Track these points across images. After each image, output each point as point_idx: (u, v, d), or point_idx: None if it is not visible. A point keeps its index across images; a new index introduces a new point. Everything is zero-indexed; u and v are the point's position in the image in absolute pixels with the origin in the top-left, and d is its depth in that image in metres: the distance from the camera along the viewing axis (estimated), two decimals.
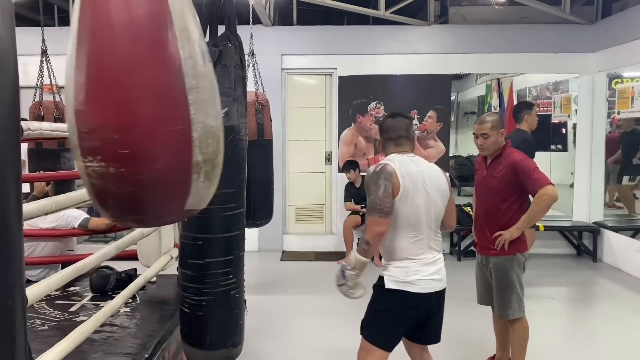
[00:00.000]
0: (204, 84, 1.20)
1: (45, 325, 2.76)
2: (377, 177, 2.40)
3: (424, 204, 2.48)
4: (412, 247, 2.49)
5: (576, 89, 7.10)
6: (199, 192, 1.25)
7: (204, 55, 1.21)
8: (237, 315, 2.53)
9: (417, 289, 2.48)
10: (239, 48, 2.42)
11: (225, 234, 2.43)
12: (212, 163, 1.25)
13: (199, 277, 2.42)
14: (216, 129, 1.24)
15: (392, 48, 6.94)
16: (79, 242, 6.22)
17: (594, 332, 4.42)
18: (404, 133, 2.60)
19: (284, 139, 6.95)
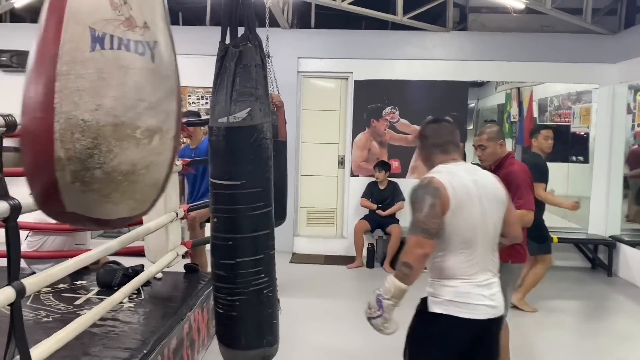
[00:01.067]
0: (80, 70, 1.08)
1: (49, 317, 2.81)
2: (423, 194, 2.12)
3: (480, 217, 2.18)
4: (465, 265, 2.17)
5: (597, 100, 6.99)
6: (73, 194, 1.13)
7: (97, 41, 1.09)
8: (270, 314, 2.53)
9: (466, 314, 2.13)
10: (259, 48, 2.44)
11: (255, 233, 2.44)
12: (82, 163, 1.11)
13: (230, 277, 2.43)
14: (91, 124, 1.09)
15: (410, 53, 6.91)
16: (92, 237, 6.31)
17: (606, 348, 4.33)
18: (451, 138, 2.33)
19: (297, 142, 6.96)
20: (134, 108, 1.16)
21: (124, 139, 1.16)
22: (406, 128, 6.97)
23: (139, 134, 1.19)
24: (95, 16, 1.12)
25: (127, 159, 1.18)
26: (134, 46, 1.17)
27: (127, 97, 1.15)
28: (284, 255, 6.79)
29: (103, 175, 1.15)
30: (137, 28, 1.18)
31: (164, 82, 1.24)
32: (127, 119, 1.16)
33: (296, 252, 7.04)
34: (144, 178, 1.26)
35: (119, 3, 1.15)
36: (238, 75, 2.37)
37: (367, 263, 6.51)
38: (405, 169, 6.99)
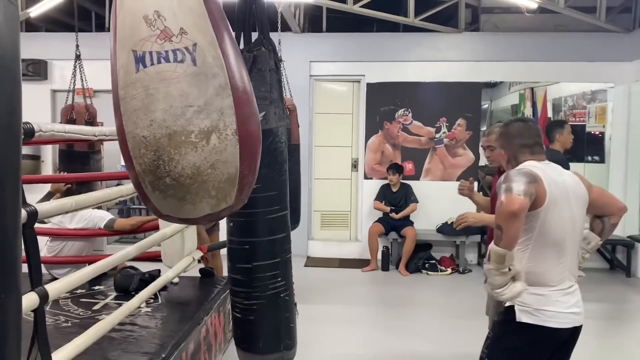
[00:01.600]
0: (132, 92, 1.16)
1: (68, 322, 2.84)
2: (516, 174, 2.02)
3: (570, 218, 2.10)
4: (554, 270, 2.08)
5: (612, 99, 6.91)
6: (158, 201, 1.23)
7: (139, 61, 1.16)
8: (288, 318, 2.53)
9: (555, 324, 2.05)
10: (273, 52, 2.45)
11: (271, 236, 2.45)
12: (153, 174, 1.21)
13: (247, 281, 2.44)
14: (150, 140, 1.18)
15: (422, 55, 6.89)
16: (108, 243, 6.37)
17: (626, 350, 4.27)
18: (539, 140, 2.25)
19: (310, 145, 6.97)
20: (183, 115, 1.22)
21: (181, 146, 1.23)
22: (419, 130, 6.94)
23: (194, 138, 1.25)
24: (135, 38, 1.19)
25: (189, 163, 1.25)
26: (173, 56, 1.22)
27: (174, 106, 1.21)
28: (299, 259, 6.79)
29: (172, 181, 1.23)
30: (173, 37, 1.23)
31: (211, 81, 1.27)
32: (178, 127, 1.22)
33: (311, 255, 7.04)
34: (213, 177, 1.32)
35: (153, 18, 1.21)
36: (253, 79, 2.37)
37: (382, 266, 6.49)
38: (419, 171, 6.96)
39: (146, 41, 1.20)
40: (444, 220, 6.67)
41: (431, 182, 6.93)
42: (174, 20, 1.24)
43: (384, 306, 5.34)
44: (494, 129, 3.29)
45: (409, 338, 4.38)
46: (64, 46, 5.97)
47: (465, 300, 5.36)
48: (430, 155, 6.95)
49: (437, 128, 6.92)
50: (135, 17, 1.19)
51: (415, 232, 6.41)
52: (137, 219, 3.86)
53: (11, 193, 0.74)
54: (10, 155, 0.74)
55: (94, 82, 4.93)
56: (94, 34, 7.26)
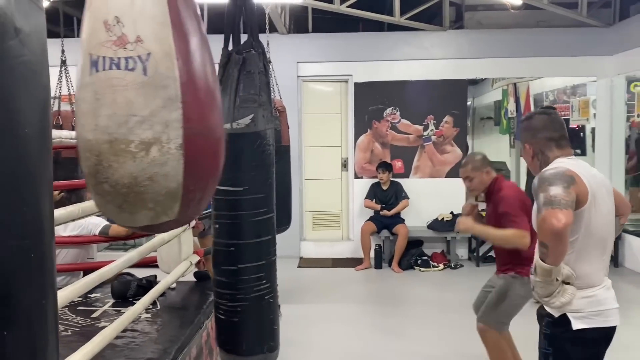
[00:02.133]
0: (84, 95, 1.18)
1: (68, 331, 2.80)
2: (552, 178, 1.91)
3: (608, 212, 2.03)
4: (598, 269, 2.01)
5: (594, 93, 7.03)
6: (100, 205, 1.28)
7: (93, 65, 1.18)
8: (272, 320, 2.53)
9: (612, 322, 2.00)
10: (262, 54, 2.45)
11: (257, 239, 2.44)
12: (94, 178, 1.22)
13: (232, 284, 2.43)
14: (93, 143, 1.19)
15: (408, 54, 6.94)
16: (99, 250, 6.30)
17: (616, 338, 4.35)
18: (564, 132, 2.15)
19: (300, 146, 6.97)
20: (125, 124, 1.21)
21: (120, 154, 1.22)
22: (407, 128, 6.99)
23: (133, 148, 1.23)
24: (93, 42, 1.19)
25: (127, 172, 1.23)
26: (124, 63, 1.21)
27: (118, 114, 1.20)
28: (292, 260, 6.80)
29: (110, 188, 1.22)
30: (128, 44, 1.22)
31: (159, 92, 1.25)
32: (119, 135, 1.21)
33: (303, 256, 7.04)
34: (150, 189, 1.29)
35: (112, 24, 1.20)
36: (242, 81, 2.39)
37: (375, 264, 6.53)
38: (408, 169, 7.01)
39: (102, 46, 1.20)
40: (435, 216, 6.73)
41: (420, 180, 6.98)
42: (132, 27, 1.22)
43: (379, 304, 5.37)
44: (468, 159, 3.33)
45: (405, 335, 4.41)
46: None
47: (458, 295, 5.40)
48: (419, 153, 7.00)
49: (424, 126, 6.98)
50: (97, 21, 1.19)
51: (407, 229, 6.45)
52: None
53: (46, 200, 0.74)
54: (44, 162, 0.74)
55: None
56: (76, 39, 7.17)
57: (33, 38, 0.71)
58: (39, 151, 0.72)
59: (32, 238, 0.72)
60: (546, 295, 1.89)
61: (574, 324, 1.94)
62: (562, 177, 1.91)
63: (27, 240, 0.72)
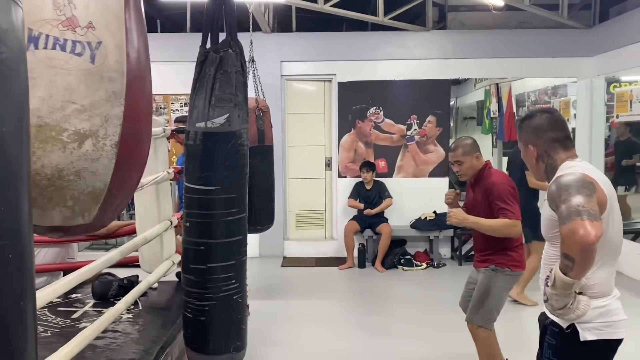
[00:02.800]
0: None
1: (47, 332, 2.76)
2: (575, 186, 1.77)
3: (619, 218, 1.96)
4: (610, 279, 1.92)
5: (574, 93, 7.13)
6: None
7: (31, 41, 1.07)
8: (239, 320, 2.53)
9: (618, 334, 1.90)
10: (240, 54, 2.44)
11: (227, 239, 2.43)
12: None
13: (201, 282, 2.42)
14: None
15: (391, 54, 6.97)
16: (79, 250, 6.22)
17: None
18: (569, 133, 2.05)
19: (284, 145, 6.96)
20: (61, 110, 1.12)
21: (48, 142, 1.12)
22: (391, 128, 7.02)
23: (65, 137, 1.14)
24: (35, 16, 1.09)
25: (52, 162, 1.13)
26: (71, 46, 1.13)
27: (54, 98, 1.11)
28: (275, 260, 6.79)
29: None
30: (78, 28, 1.14)
31: (104, 84, 1.18)
32: (51, 120, 1.11)
33: (287, 255, 7.03)
34: (74, 185, 1.20)
35: (62, 3, 1.12)
36: (218, 80, 2.37)
37: (359, 263, 6.54)
38: (391, 168, 7.04)
39: (46, 23, 1.11)
40: (418, 215, 6.77)
41: (404, 179, 7.02)
42: (84, 11, 1.15)
43: (362, 303, 5.39)
44: (458, 143, 3.25)
45: (388, 334, 4.43)
46: None
47: (440, 293, 5.45)
48: (402, 153, 7.03)
49: (408, 125, 7.01)
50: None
51: (390, 228, 6.48)
52: (113, 222, 3.79)
53: (24, 199, 0.73)
54: (22, 161, 0.72)
55: None
56: None
57: (10, 35, 0.69)
58: (17, 150, 0.70)
59: (10, 238, 0.71)
60: (561, 307, 1.78)
61: (582, 334, 1.85)
62: (584, 184, 1.78)
63: (5, 241, 0.70)
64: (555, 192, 1.81)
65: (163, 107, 7.06)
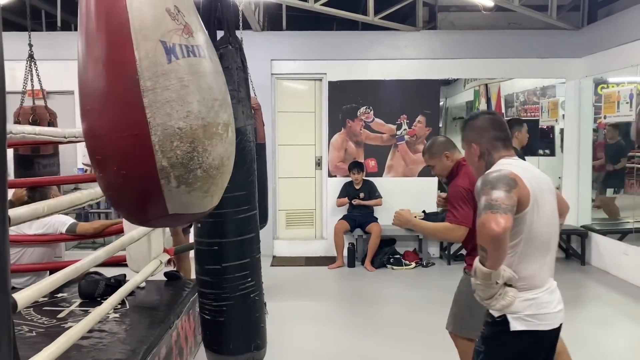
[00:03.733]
0: (165, 83, 1.13)
1: (32, 332, 2.73)
2: (495, 182, 1.88)
3: (551, 213, 2.04)
4: (542, 271, 2.00)
5: (563, 94, 7.18)
6: (177, 197, 1.19)
7: (170, 52, 1.14)
8: (258, 318, 2.52)
9: (547, 326, 1.97)
10: (240, 50, 2.43)
11: (240, 237, 2.43)
12: (184, 167, 1.18)
13: (217, 283, 2.41)
14: (186, 131, 1.15)
15: (382, 53, 6.97)
16: (67, 249, 6.16)
17: (582, 335, 4.45)
18: (509, 133, 2.16)
19: (274, 144, 6.95)
20: (212, 108, 1.24)
21: (213, 137, 1.25)
22: (381, 127, 7.03)
23: (220, 130, 1.28)
24: (162, 29, 1.16)
25: (218, 154, 1.27)
26: (197, 51, 1.22)
27: (206, 99, 1.22)
28: (265, 259, 6.70)
29: (203, 173, 1.23)
30: (193, 34, 1.24)
31: (221, 78, 1.32)
32: (210, 119, 1.24)
33: (277, 255, 7.02)
34: (228, 168, 1.36)
35: (174, 12, 1.19)
36: None
37: (348, 263, 6.54)
38: (381, 168, 7.04)
39: (174, 34, 1.18)
40: None
41: (393, 179, 7.03)
42: (189, 18, 1.24)
43: (352, 302, 5.39)
44: (426, 146, 3.12)
45: (377, 333, 4.44)
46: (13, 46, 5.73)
47: (429, 293, 5.46)
48: (392, 152, 7.04)
49: (398, 125, 7.02)
50: (158, 9, 1.16)
51: (380, 227, 6.48)
52: (100, 222, 3.76)
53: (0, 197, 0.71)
54: None
55: (46, 83, 4.75)
56: (45, 33, 7.01)
57: None
58: None
59: None
60: (487, 297, 1.89)
61: (512, 325, 1.93)
62: (505, 180, 1.88)
63: None
64: (479, 187, 1.92)
65: None
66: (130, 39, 1.09)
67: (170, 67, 1.14)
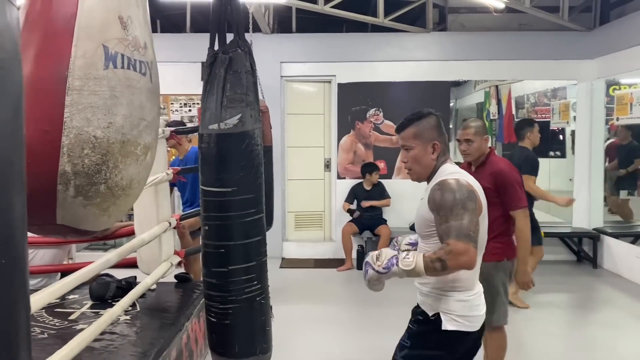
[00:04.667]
0: (95, 87, 1.07)
1: (44, 334, 2.75)
2: (461, 198, 1.86)
3: (486, 221, 2.07)
4: (476, 274, 2.02)
5: (574, 96, 7.12)
6: (72, 207, 1.11)
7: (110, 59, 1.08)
8: (264, 321, 2.52)
9: (473, 328, 2.01)
10: (249, 54, 2.43)
11: (246, 240, 2.43)
12: (88, 178, 1.10)
13: (223, 285, 2.41)
14: (103, 141, 1.08)
15: (391, 55, 6.96)
16: (78, 250, 6.20)
17: (595, 339, 4.41)
18: None
19: (283, 146, 6.95)
20: (137, 126, 1.17)
21: (128, 156, 1.17)
22: (391, 129, 7.00)
23: (139, 151, 1.20)
24: (108, 34, 1.12)
25: (128, 174, 1.19)
26: (139, 66, 1.18)
27: (133, 115, 1.16)
28: (274, 261, 6.74)
29: (106, 190, 1.15)
30: (140, 48, 1.20)
31: (156, 101, 1.26)
32: (132, 136, 1.17)
33: (285, 257, 7.02)
34: (136, 192, 1.28)
35: (127, 22, 1.15)
36: (228, 81, 2.36)
37: (357, 265, 6.52)
38: (391, 170, 7.02)
39: (120, 42, 1.13)
40: None
41: (403, 181, 6.99)
42: (140, 31, 1.20)
43: (361, 305, 5.37)
44: (470, 122, 3.24)
45: (386, 336, 4.38)
46: None
47: None
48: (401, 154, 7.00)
49: None
50: (110, 13, 1.11)
51: (389, 230, 6.46)
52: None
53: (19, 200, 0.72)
54: (17, 162, 0.71)
55: None
56: None
57: (5, 35, 0.68)
58: (10, 152, 0.69)
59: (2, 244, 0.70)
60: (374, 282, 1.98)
61: (444, 324, 1.96)
62: (470, 196, 1.89)
63: None
64: (445, 201, 1.87)
65: (162, 107, 7.05)
66: (72, 34, 1.04)
67: (105, 74, 1.10)
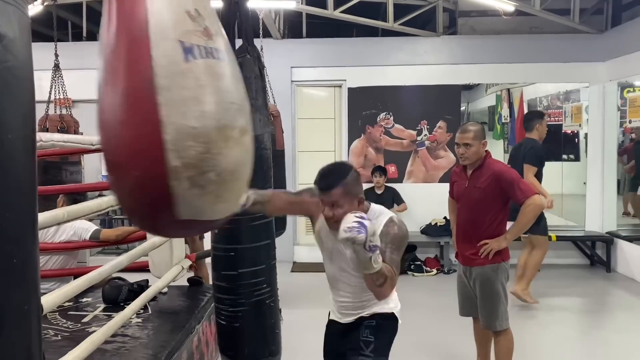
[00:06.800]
0: (181, 82, 1.12)
1: (58, 336, 2.79)
2: (404, 238, 2.29)
3: None
4: None
5: (587, 99, 7.07)
6: (189, 200, 1.16)
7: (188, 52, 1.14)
8: (273, 324, 2.54)
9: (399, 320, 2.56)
10: (258, 59, 2.46)
11: (256, 243, 2.45)
12: (197, 168, 1.14)
13: (233, 289, 2.44)
14: (200, 130, 1.13)
15: (401, 59, 6.96)
16: (91, 254, 6.27)
17: (608, 343, 4.36)
18: None
19: (294, 151, 6.98)
20: (229, 110, 1.23)
21: (228, 140, 1.22)
22: (401, 133, 7.01)
23: (236, 134, 1.25)
24: (180, 29, 1.15)
25: (233, 158, 1.23)
26: (216, 53, 1.22)
27: (223, 101, 1.20)
28: (285, 265, 6.78)
29: (215, 177, 1.19)
30: (212, 36, 1.24)
31: (240, 84, 1.31)
32: (226, 121, 1.21)
33: (297, 261, 7.03)
34: (243, 175, 1.33)
35: (195, 15, 1.20)
36: None
37: None
38: (401, 174, 7.02)
39: (192, 34, 1.18)
40: (428, 221, 6.74)
41: (414, 185, 6.99)
42: (210, 21, 1.25)
43: None
44: (469, 126, 3.24)
45: (397, 340, 4.39)
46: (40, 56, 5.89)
47: (451, 300, 5.38)
48: (412, 158, 7.01)
49: (418, 131, 7.00)
50: (177, 11, 1.17)
51: None
52: (123, 229, 3.82)
53: (30, 204, 0.74)
54: (28, 167, 0.73)
55: (72, 92, 4.87)
56: (71, 43, 7.17)
57: (17, 43, 0.71)
58: (23, 156, 0.72)
59: (15, 243, 0.72)
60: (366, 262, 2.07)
61: (398, 317, 2.48)
62: None
63: (10, 246, 0.71)
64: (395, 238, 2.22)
65: None
66: (148, 38, 1.09)
67: (188, 67, 1.13)
